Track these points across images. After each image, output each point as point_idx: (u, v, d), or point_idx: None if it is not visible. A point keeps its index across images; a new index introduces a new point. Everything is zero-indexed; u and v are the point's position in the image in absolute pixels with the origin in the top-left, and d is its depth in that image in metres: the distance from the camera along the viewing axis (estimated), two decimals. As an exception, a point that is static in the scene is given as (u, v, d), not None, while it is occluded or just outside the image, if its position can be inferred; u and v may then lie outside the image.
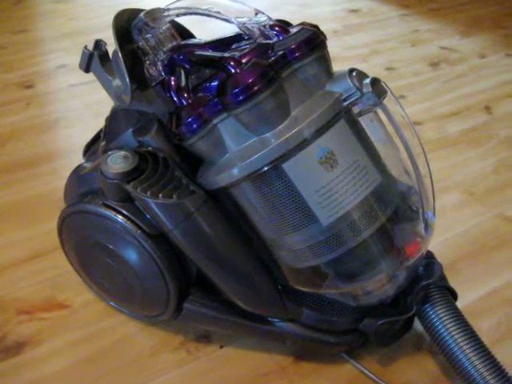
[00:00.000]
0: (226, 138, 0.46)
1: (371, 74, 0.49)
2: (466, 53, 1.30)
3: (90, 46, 0.52)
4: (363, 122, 0.50)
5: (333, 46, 1.32)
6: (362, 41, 1.35)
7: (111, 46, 0.50)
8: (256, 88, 0.43)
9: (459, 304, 0.57)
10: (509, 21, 1.49)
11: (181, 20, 0.53)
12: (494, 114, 1.06)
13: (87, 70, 0.53)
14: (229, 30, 0.51)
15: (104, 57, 0.52)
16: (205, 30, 0.53)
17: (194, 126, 0.46)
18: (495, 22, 1.48)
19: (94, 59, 0.52)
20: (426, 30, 1.42)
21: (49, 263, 0.70)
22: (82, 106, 1.04)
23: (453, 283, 0.58)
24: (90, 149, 0.65)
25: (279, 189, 0.46)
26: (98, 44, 0.52)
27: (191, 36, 0.57)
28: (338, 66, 0.50)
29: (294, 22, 0.51)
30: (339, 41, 1.35)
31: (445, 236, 0.76)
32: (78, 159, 0.63)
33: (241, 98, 0.43)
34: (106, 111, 0.56)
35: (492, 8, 1.56)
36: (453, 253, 0.73)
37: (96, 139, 0.64)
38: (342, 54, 1.28)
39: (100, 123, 0.59)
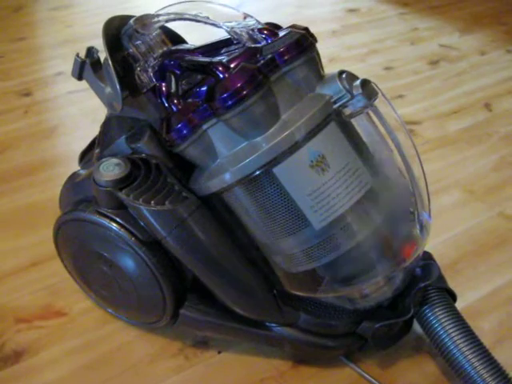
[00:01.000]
0: (217, 144, 0.46)
1: (370, 73, 0.49)
2: (465, 50, 1.29)
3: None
4: (356, 123, 0.50)
5: (331, 47, 1.33)
6: (361, 40, 1.34)
7: (104, 53, 0.50)
8: (244, 92, 0.43)
9: (460, 304, 0.56)
10: (509, 17, 1.48)
11: (181, 25, 0.53)
12: (494, 112, 1.05)
13: (80, 77, 0.53)
14: (226, 34, 0.51)
15: (96, 64, 0.52)
16: (205, 35, 0.52)
17: (184, 131, 0.46)
18: (495, 19, 1.47)
19: (86, 67, 0.52)
20: (425, 28, 1.41)
21: (47, 271, 0.69)
22: (80, 113, 1.04)
23: (453, 283, 0.57)
24: (86, 156, 0.65)
25: (271, 193, 0.45)
26: (90, 51, 0.52)
27: (182, 41, 0.56)
28: (336, 67, 0.49)
29: (293, 23, 0.51)
30: (338, 41, 1.34)
31: (445, 235, 0.75)
32: (76, 166, 0.63)
33: (229, 102, 0.43)
34: (104, 118, 0.56)
35: (491, 4, 1.55)
36: (453, 252, 0.73)
37: (91, 146, 0.64)
38: (340, 54, 1.28)
39: (98, 130, 0.59)
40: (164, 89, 0.49)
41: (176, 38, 0.56)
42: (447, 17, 1.48)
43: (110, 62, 0.48)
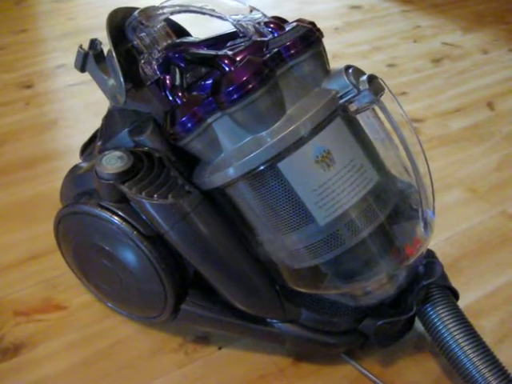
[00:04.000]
0: (221, 137, 0.45)
1: (372, 70, 0.48)
2: (468, 48, 1.29)
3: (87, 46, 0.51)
4: (361, 119, 0.49)
5: (334, 43, 1.32)
6: (364, 37, 1.34)
7: (107, 46, 0.49)
8: (250, 86, 0.42)
9: (462, 303, 0.56)
10: (511, 16, 1.47)
11: (186, 18, 0.52)
12: (497, 110, 1.05)
13: (82, 69, 0.52)
14: (232, 27, 0.50)
15: (99, 56, 0.51)
16: (210, 28, 0.52)
17: (189, 125, 0.45)
18: (498, 18, 1.46)
19: (89, 59, 0.51)
20: (428, 25, 1.41)
21: (47, 264, 0.69)
22: (81, 106, 1.03)
23: (455, 282, 0.57)
24: (87, 149, 0.64)
25: (275, 188, 0.45)
26: (93, 43, 0.52)
27: (187, 34, 0.56)
28: (339, 63, 0.49)
29: (295, 19, 0.51)
30: (340, 38, 1.34)
31: (447, 234, 0.75)
32: (77, 159, 0.63)
33: (235, 96, 0.43)
34: (105, 111, 0.56)
35: (494, 3, 1.55)
36: (456, 251, 0.72)
37: (93, 139, 0.64)
38: (343, 50, 1.27)
39: (99, 123, 0.58)
40: (168, 81, 0.48)
41: (180, 31, 0.55)
42: (450, 15, 1.48)
43: (113, 54, 0.48)
